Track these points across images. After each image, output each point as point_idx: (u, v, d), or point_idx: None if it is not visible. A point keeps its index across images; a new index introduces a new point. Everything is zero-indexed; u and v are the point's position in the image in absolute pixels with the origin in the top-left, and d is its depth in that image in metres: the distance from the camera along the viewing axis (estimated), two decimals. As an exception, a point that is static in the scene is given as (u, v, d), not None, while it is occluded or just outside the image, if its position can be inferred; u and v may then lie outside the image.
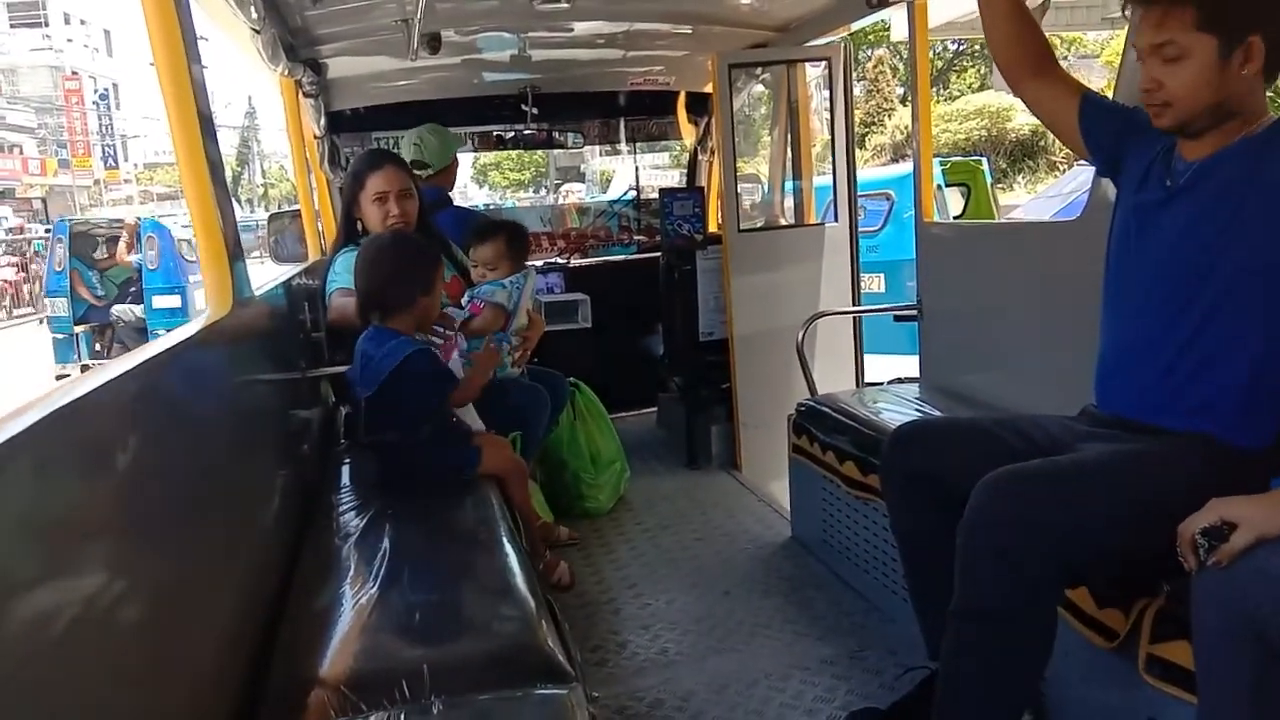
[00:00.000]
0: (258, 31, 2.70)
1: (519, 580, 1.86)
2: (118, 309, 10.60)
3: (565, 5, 3.35)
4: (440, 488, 2.44)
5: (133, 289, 10.69)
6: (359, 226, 3.11)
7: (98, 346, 10.60)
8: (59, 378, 9.83)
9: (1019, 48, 2.01)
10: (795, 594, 2.86)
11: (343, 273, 2.92)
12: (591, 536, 3.43)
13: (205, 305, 1.93)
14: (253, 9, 2.49)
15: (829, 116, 4.26)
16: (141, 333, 10.08)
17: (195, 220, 1.92)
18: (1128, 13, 1.79)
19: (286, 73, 3.38)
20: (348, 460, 2.73)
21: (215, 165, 1.91)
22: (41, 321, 13.64)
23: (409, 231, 2.96)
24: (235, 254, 1.95)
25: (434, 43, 3.61)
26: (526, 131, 4.98)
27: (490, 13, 3.57)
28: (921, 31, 3.17)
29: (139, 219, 11.39)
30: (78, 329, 10.58)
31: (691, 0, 3.58)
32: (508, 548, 2.05)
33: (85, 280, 10.80)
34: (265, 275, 2.87)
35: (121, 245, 11.01)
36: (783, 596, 2.85)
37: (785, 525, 3.40)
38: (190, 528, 1.48)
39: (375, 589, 1.82)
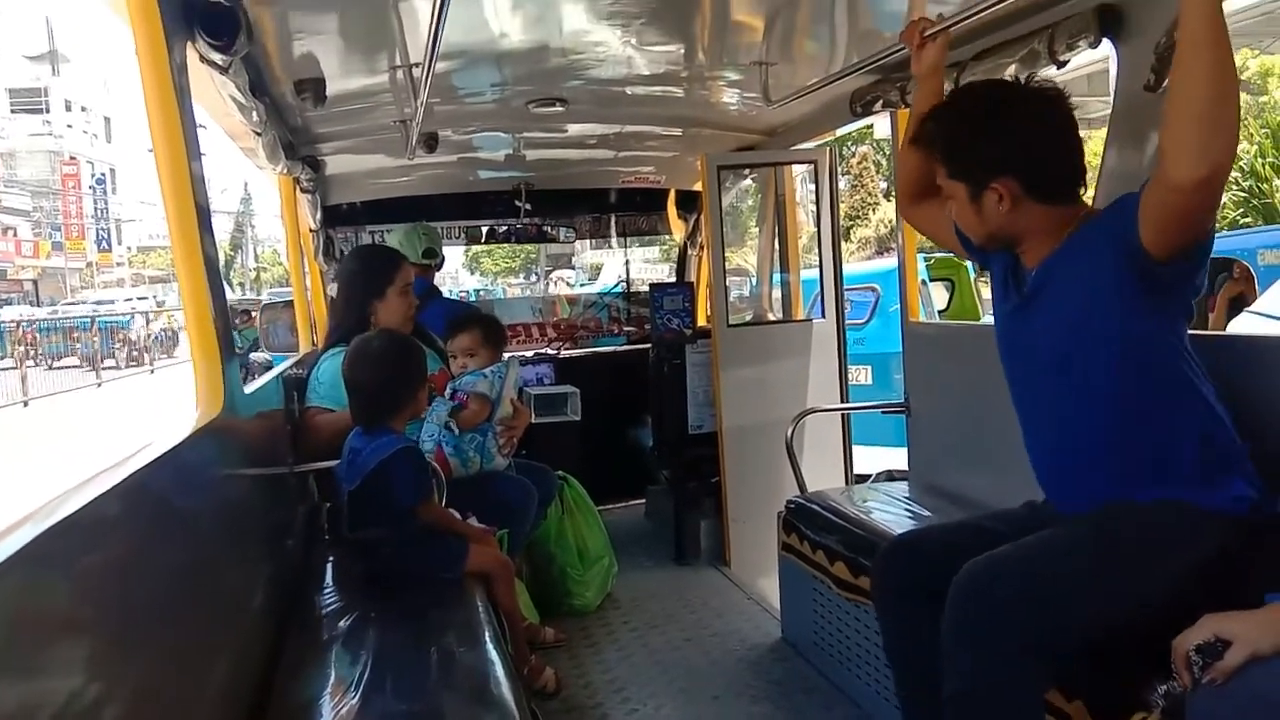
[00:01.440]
0: (259, 134, 2.77)
1: (504, 690, 1.82)
2: (253, 355, 12.12)
3: (559, 109, 3.45)
4: (425, 587, 2.40)
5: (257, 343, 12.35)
6: (371, 320, 3.08)
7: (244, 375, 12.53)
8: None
9: (920, 184, 2.22)
10: (786, 700, 2.80)
11: (326, 382, 2.91)
12: (578, 636, 3.37)
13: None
14: (254, 114, 2.56)
15: (815, 209, 4.36)
16: (265, 367, 11.93)
17: (188, 317, 1.94)
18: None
19: (285, 171, 3.45)
20: (332, 557, 2.69)
21: (211, 263, 1.93)
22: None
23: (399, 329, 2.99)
24: (228, 351, 1.96)
25: (431, 142, 3.70)
26: (519, 226, 5.07)
27: (487, 114, 3.68)
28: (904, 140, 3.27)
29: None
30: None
31: (681, 105, 3.69)
32: (492, 654, 2.01)
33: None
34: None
35: (253, 315, 12.64)
36: (773, 703, 2.79)
37: (775, 625, 3.34)
38: (173, 629, 1.46)
39: (357, 699, 1.78)
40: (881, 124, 3.76)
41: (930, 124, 1.93)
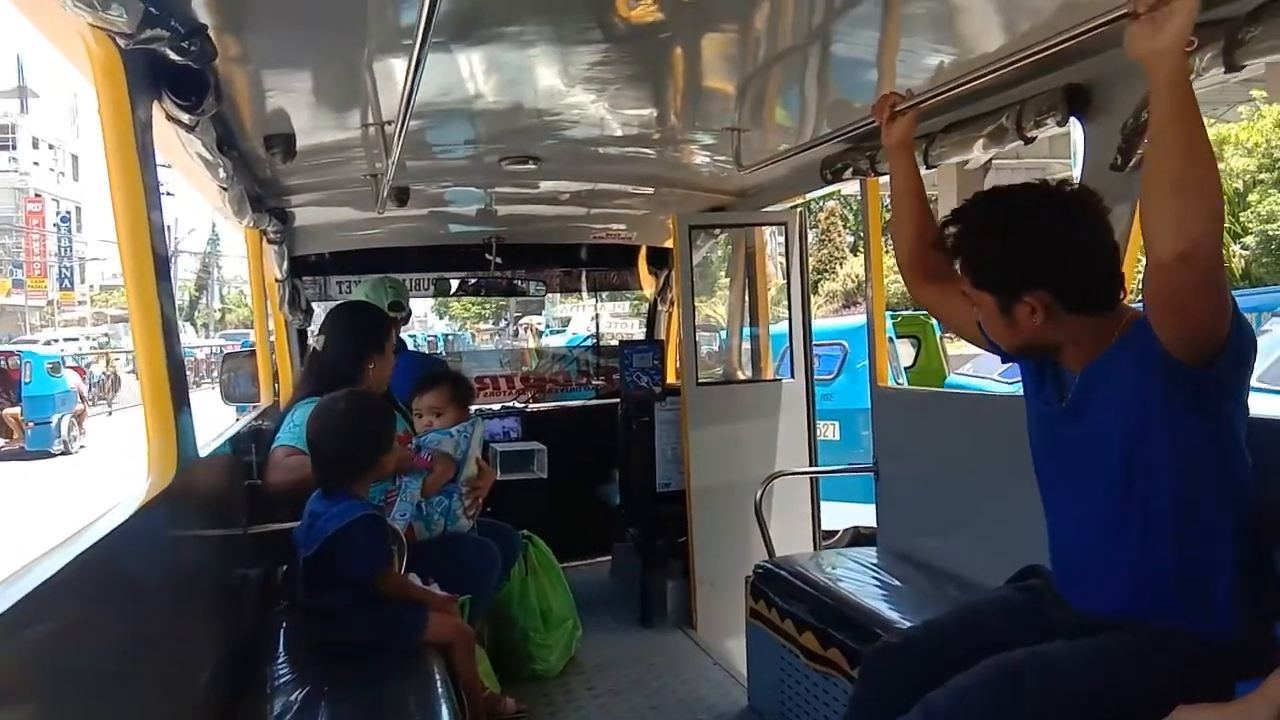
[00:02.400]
0: (226, 189, 2.73)
1: (461, 772, 1.76)
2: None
3: (532, 166, 3.45)
4: (381, 657, 2.32)
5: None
6: (366, 373, 2.99)
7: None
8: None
9: (923, 260, 2.15)
10: (752, 773, 2.73)
11: (302, 425, 2.83)
12: (540, 704, 3.27)
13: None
14: (221, 170, 2.52)
15: (784, 263, 4.38)
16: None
17: (142, 372, 1.88)
18: None
19: (252, 224, 3.40)
20: (285, 624, 2.60)
21: (168, 318, 1.88)
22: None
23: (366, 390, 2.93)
24: (181, 406, 1.90)
25: (402, 196, 3.68)
26: (489, 279, 5.05)
27: (459, 170, 3.67)
28: (874, 207, 3.31)
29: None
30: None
31: (653, 165, 3.70)
32: (451, 730, 1.94)
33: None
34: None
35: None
36: (739, 776, 2.72)
37: (742, 693, 3.28)
38: (119, 706, 1.41)
39: (306, 783, 1.70)
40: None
41: (953, 230, 1.81)
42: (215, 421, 3.20)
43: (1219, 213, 1.50)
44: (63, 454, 16.41)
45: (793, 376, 4.26)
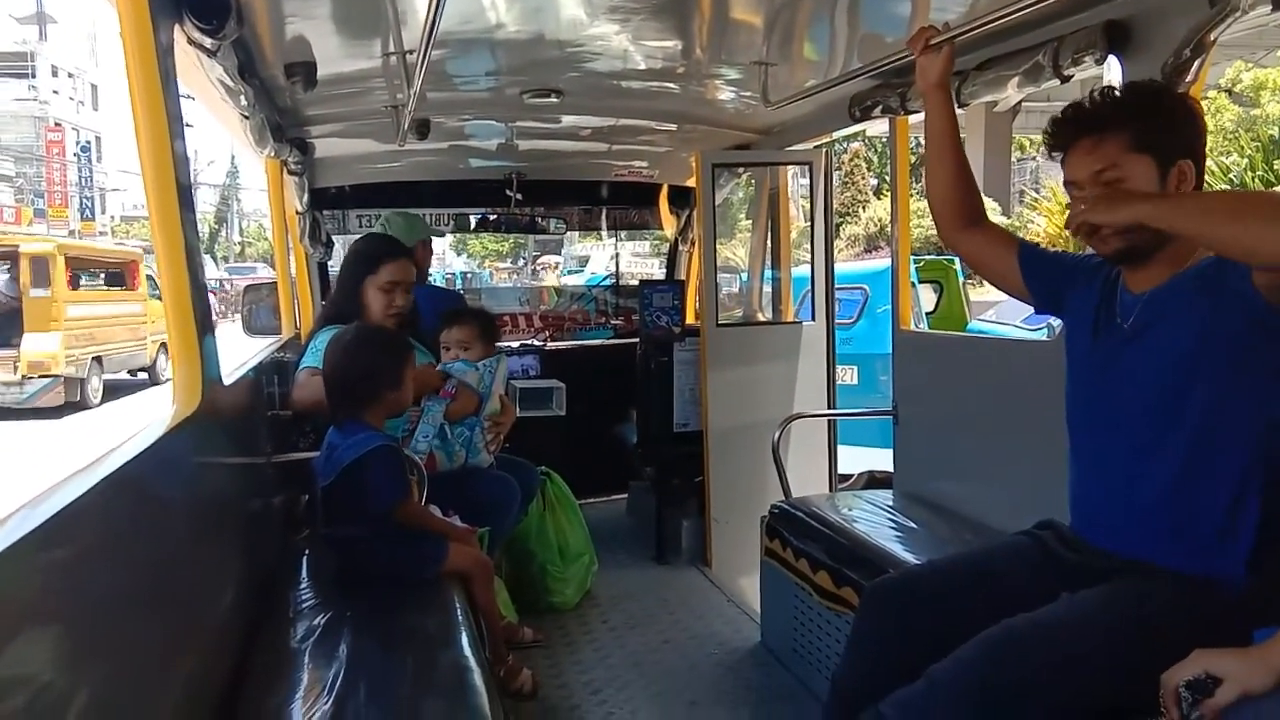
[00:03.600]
0: (247, 118, 2.70)
1: (479, 695, 1.80)
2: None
3: (554, 100, 3.40)
4: (401, 586, 2.36)
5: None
6: (363, 305, 3.02)
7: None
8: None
9: (959, 207, 2.12)
10: (763, 707, 2.79)
11: (322, 349, 2.86)
12: (556, 635, 3.34)
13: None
14: (243, 97, 2.49)
15: (808, 207, 4.32)
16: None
17: (167, 301, 1.89)
18: (1055, 156, 1.84)
19: (273, 154, 3.38)
20: (307, 552, 2.65)
21: (191, 246, 1.89)
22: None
23: (390, 324, 2.94)
24: (205, 333, 1.92)
25: (423, 129, 3.63)
26: (509, 215, 5.02)
27: (481, 103, 3.62)
28: (903, 148, 3.25)
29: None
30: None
31: (677, 100, 3.64)
32: (468, 657, 1.98)
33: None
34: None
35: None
36: (750, 709, 2.77)
37: (755, 630, 3.32)
38: (143, 627, 1.44)
39: (329, 704, 1.74)
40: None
41: (1106, 106, 1.76)
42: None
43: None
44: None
45: (813, 319, 4.23)
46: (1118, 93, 1.79)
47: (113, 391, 13.62)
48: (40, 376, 11.53)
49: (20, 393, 11.56)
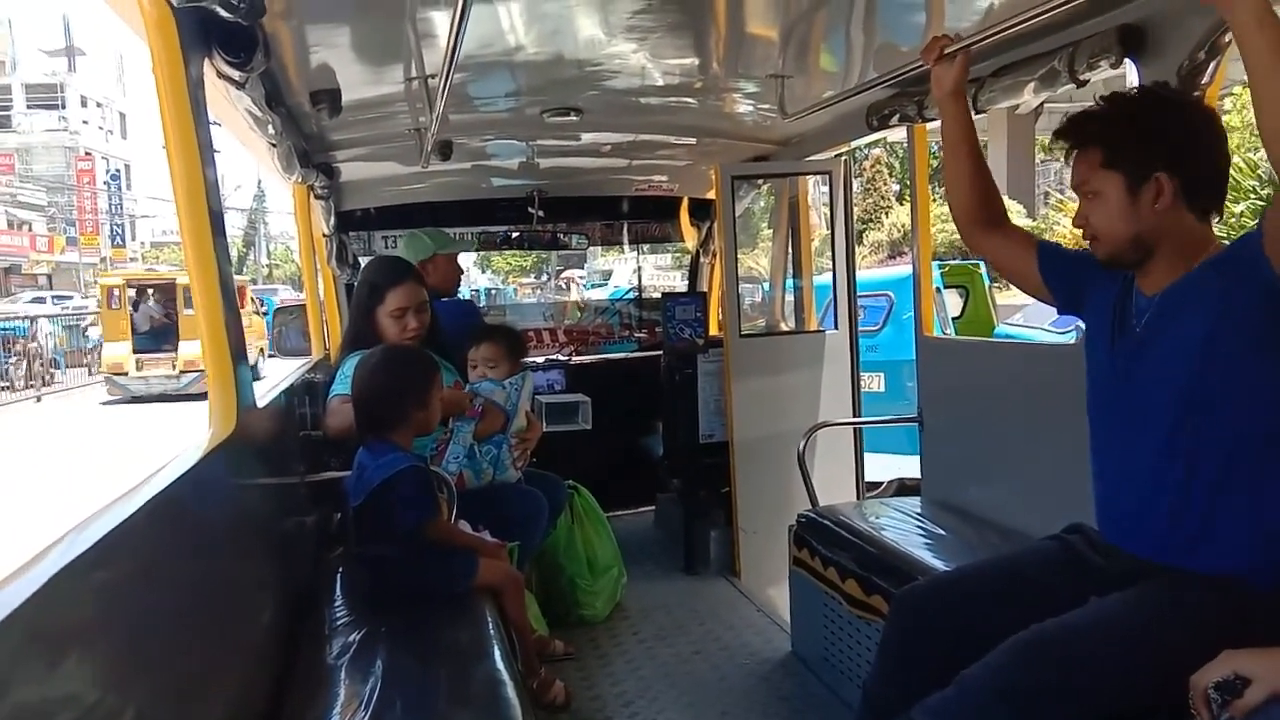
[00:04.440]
0: (275, 145, 2.77)
1: (513, 712, 1.82)
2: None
3: (574, 118, 3.45)
4: (434, 602, 2.39)
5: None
6: (374, 325, 3.06)
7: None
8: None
9: (979, 211, 2.14)
10: (795, 716, 2.79)
11: (350, 375, 2.91)
12: (587, 648, 3.36)
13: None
14: (270, 126, 2.56)
15: (828, 214, 4.34)
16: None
17: (202, 327, 1.94)
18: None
19: (300, 180, 3.45)
20: (341, 569, 2.69)
21: (225, 273, 1.94)
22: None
23: (412, 344, 2.97)
24: (239, 358, 1.96)
25: (445, 150, 3.70)
26: (532, 233, 5.07)
27: (501, 123, 3.67)
28: (921, 155, 3.26)
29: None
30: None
31: (696, 115, 3.68)
32: (501, 670, 2.01)
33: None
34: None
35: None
36: (781, 719, 2.77)
37: (785, 639, 3.33)
38: (185, 645, 1.47)
39: (367, 718, 1.77)
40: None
41: (1084, 120, 1.82)
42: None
43: None
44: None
45: (836, 328, 4.24)
46: (1096, 107, 1.82)
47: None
48: (192, 371, 15.39)
49: (179, 383, 15.70)
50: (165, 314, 16.61)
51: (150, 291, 17.18)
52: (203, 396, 2.15)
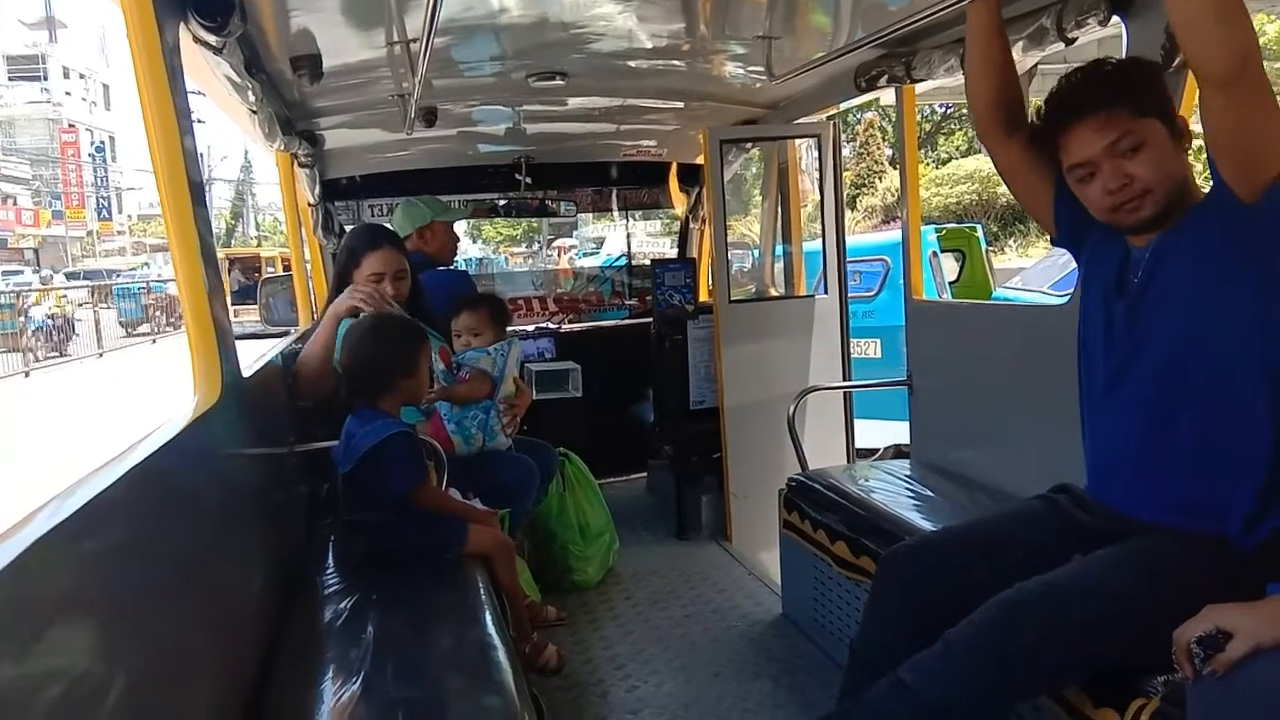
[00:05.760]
0: (255, 112, 2.73)
1: (504, 672, 1.83)
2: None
3: (560, 82, 3.41)
4: (425, 568, 2.41)
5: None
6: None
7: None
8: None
9: (1001, 108, 2.01)
10: (786, 677, 2.82)
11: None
12: (579, 612, 3.38)
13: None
14: (250, 92, 2.52)
15: (819, 178, 4.31)
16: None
17: (184, 297, 1.93)
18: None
19: (283, 147, 3.41)
20: (332, 537, 2.69)
21: (206, 241, 1.92)
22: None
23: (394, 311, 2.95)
24: (223, 324, 1.95)
25: (430, 116, 3.66)
26: (520, 200, 5.03)
27: (486, 88, 3.63)
28: (909, 116, 3.23)
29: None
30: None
31: (683, 78, 3.63)
32: (493, 635, 2.02)
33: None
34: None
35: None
36: (772, 680, 2.80)
37: (776, 601, 3.36)
38: (174, 613, 1.47)
39: (358, 683, 1.78)
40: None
41: (1097, 83, 1.76)
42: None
43: (1250, 20, 1.53)
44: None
45: (826, 292, 4.24)
46: (1092, 73, 1.78)
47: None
48: (267, 318, 17.82)
49: (260, 326, 17.21)
50: (246, 278, 21.39)
51: (236, 262, 23.44)
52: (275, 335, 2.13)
